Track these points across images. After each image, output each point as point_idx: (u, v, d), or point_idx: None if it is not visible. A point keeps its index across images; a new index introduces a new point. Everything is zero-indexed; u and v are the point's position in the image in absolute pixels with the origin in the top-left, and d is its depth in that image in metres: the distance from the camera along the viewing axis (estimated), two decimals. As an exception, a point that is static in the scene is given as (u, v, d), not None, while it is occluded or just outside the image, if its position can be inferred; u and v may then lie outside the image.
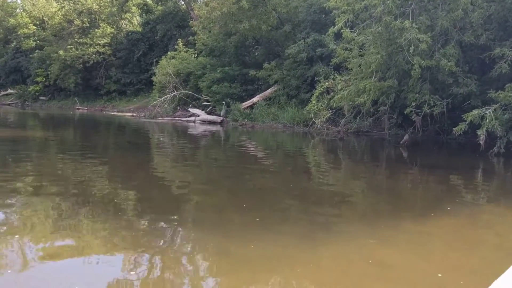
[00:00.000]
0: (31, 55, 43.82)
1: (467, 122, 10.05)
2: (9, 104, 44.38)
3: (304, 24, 21.01)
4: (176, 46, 28.87)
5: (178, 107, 25.65)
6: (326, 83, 18.13)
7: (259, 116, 20.60)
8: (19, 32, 44.39)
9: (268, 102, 21.21)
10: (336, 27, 12.41)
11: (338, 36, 15.41)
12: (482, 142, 9.96)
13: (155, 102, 25.60)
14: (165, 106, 25.25)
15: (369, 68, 12.13)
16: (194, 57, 26.95)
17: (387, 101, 12.60)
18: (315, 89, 18.53)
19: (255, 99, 21.74)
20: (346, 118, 16.39)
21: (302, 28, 21.07)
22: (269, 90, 21.68)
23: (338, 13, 12.65)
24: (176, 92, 25.21)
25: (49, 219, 5.66)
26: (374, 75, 12.18)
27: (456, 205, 6.98)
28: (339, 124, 17.07)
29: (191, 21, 28.28)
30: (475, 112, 9.92)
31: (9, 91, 47.58)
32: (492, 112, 9.91)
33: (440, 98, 11.89)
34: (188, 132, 19.05)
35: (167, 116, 24.46)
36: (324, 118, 17.41)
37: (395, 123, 15.86)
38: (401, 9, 11.07)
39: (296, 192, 7.82)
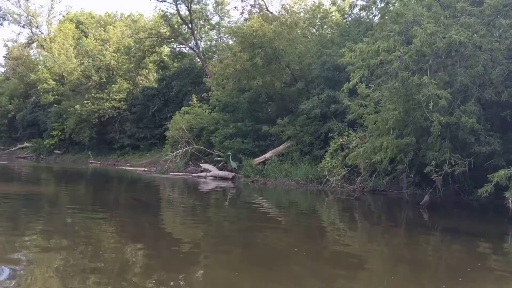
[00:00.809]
0: (48, 110, 44.71)
1: (493, 183, 9.38)
2: (24, 157, 44.77)
3: (318, 81, 20.92)
4: (190, 102, 29.04)
5: (190, 162, 25.34)
6: (340, 140, 17.70)
7: (271, 172, 20.07)
8: (38, 87, 45.56)
9: (280, 158, 20.76)
10: (351, 82, 12.12)
11: (352, 92, 15.12)
12: (511, 205, 9.23)
13: (167, 157, 25.33)
14: (177, 161, 24.95)
15: (386, 124, 11.69)
16: (208, 113, 27.00)
17: (405, 159, 12.03)
18: (329, 145, 18.09)
19: (267, 155, 21.32)
20: (362, 176, 15.77)
21: (316, 84, 20.97)
22: (282, 146, 21.30)
23: (352, 69, 12.41)
24: (188, 147, 24.99)
25: (57, 276, 5.57)
26: (391, 132, 11.71)
27: (483, 275, 6.32)
28: (354, 182, 16.43)
29: (205, 78, 28.60)
30: (502, 172, 9.28)
31: (25, 144, 48.21)
32: (520, 172, 9.27)
33: (461, 157, 11.29)
34: (199, 188, 18.55)
35: (178, 172, 24.09)
36: (339, 176, 16.82)
37: (412, 182, 15.18)
38: (419, 65, 10.77)
39: (310, 254, 7.31)
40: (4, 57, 59.86)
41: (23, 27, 54.45)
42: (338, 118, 18.73)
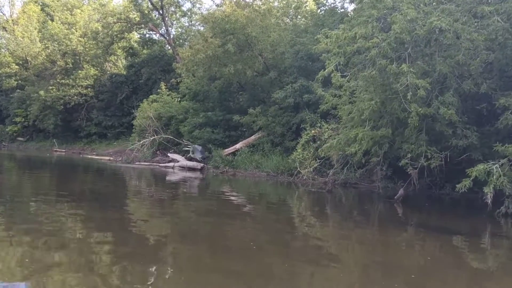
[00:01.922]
0: (11, 95, 42.73)
1: (471, 178, 8.98)
2: (-16, 144, 42.73)
3: (291, 70, 20.33)
4: (158, 90, 28.03)
5: (158, 152, 24.43)
6: (313, 131, 17.18)
7: (241, 164, 19.43)
8: (0, 71, 43.38)
9: (251, 149, 20.13)
10: (326, 70, 11.53)
11: (326, 83, 14.63)
12: (489, 201, 8.86)
13: (133, 146, 24.34)
14: (144, 150, 24.00)
15: (361, 115, 11.17)
16: (177, 101, 26.10)
17: (380, 151, 11.57)
18: (301, 137, 17.57)
19: (238, 146, 20.67)
20: (334, 168, 15.31)
21: (289, 74, 20.37)
22: (252, 137, 20.68)
23: (328, 57, 11.83)
24: (156, 136, 24.06)
25: (20, 266, 5.48)
26: (366, 123, 11.21)
27: (459, 273, 6.02)
28: (326, 175, 15.96)
29: (175, 63, 27.57)
30: (481, 167, 8.88)
31: (-15, 130, 46.01)
32: (500, 167, 8.90)
33: (437, 150, 10.91)
34: (166, 179, 17.75)
35: (145, 161, 23.16)
36: (311, 168, 16.33)
37: (385, 175, 14.81)
38: (397, 53, 10.28)
39: (278, 248, 7.07)
40: (-36, 38, 56.91)
41: (-16, 7, 51.77)
42: (311, 108, 18.20)
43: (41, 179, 16.62)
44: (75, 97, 37.77)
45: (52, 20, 42.69)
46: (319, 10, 24.15)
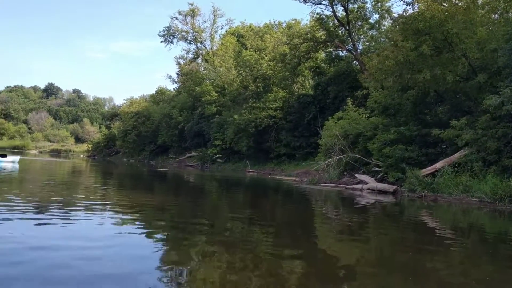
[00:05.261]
0: (211, 120, 46.62)
1: None
2: (191, 166, 47.34)
3: (506, 71, 16.34)
4: (345, 106, 26.36)
5: (345, 173, 22.61)
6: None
7: (444, 187, 16.14)
8: (203, 99, 47.83)
9: (456, 169, 16.62)
10: None
11: None
12: None
13: (317, 167, 23.02)
14: (330, 171, 22.45)
15: None
16: (365, 117, 23.99)
17: None
18: (526, 153, 13.61)
19: (438, 165, 17.38)
20: None
21: (504, 76, 16.41)
22: (457, 154, 17.16)
23: None
24: (342, 156, 22.29)
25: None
26: None
27: None
28: None
29: (360, 74, 25.51)
30: None
31: (192, 153, 51.18)
32: None
33: None
34: (354, 202, 15.75)
35: (330, 182, 21.55)
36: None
37: None
38: None
39: None
40: (177, 74, 65.34)
41: (190, 43, 58.50)
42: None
43: (236, 199, 16.44)
44: (265, 119, 38.92)
45: (246, 49, 45.39)
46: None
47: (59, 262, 5.15)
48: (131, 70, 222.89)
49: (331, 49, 38.73)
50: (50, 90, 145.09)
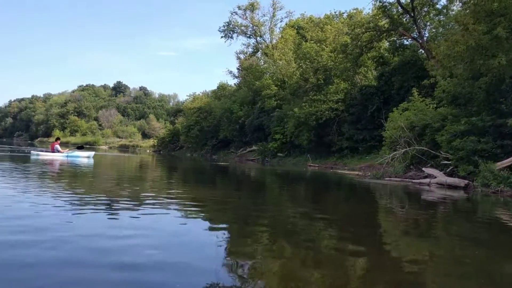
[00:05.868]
0: (272, 114, 46.56)
1: None
2: (252, 160, 47.62)
3: None
4: (410, 97, 25.24)
5: (411, 167, 21.66)
6: None
7: (523, 181, 15.00)
8: (263, 93, 47.86)
9: (536, 162, 15.41)
10: None
11: None
12: None
13: (382, 160, 22.24)
14: (395, 164, 21.61)
15: None
16: (433, 108, 22.83)
17: None
18: None
19: (515, 158, 16.20)
20: None
21: None
22: (537, 146, 15.88)
23: None
24: (408, 148, 21.37)
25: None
26: None
27: None
28: None
29: (426, 62, 24.25)
30: None
31: (253, 147, 51.47)
32: None
33: None
34: (422, 197, 15.03)
35: (396, 177, 20.72)
36: None
37: None
38: None
39: None
40: (237, 68, 65.95)
41: (249, 37, 58.66)
42: None
43: (297, 193, 16.26)
44: (327, 112, 38.21)
45: (306, 41, 44.79)
46: None
47: (131, 251, 5.46)
48: (194, 66, 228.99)
49: (395, 38, 37.24)
50: (119, 88, 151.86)
